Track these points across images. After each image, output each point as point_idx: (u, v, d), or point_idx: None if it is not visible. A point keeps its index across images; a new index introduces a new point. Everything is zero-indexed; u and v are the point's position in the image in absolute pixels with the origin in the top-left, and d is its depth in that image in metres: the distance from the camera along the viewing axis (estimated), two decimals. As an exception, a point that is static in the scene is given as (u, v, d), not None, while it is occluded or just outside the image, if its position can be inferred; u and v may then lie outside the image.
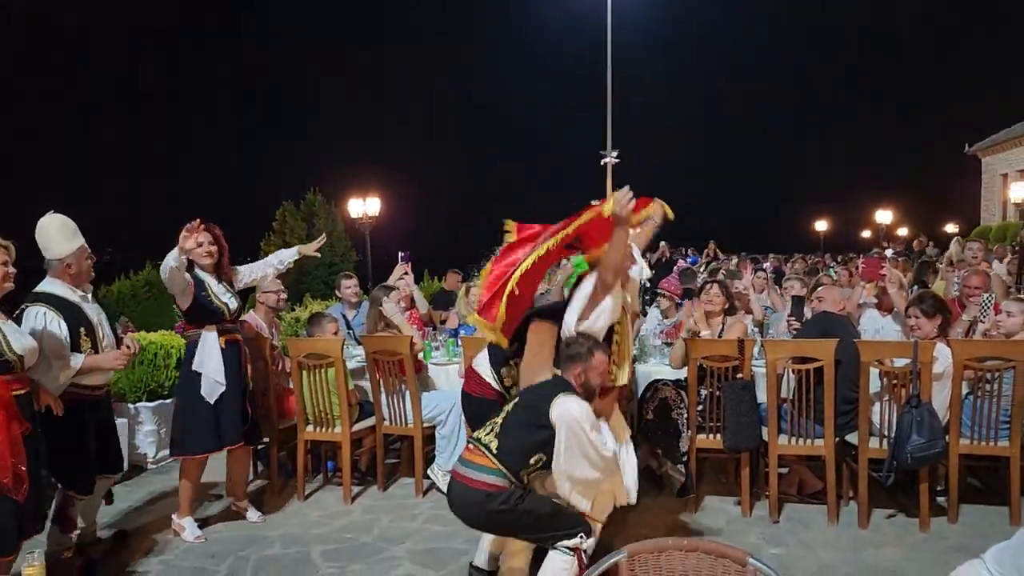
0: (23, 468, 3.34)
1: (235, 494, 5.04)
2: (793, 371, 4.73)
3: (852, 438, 4.77)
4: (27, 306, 3.94)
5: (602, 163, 28.19)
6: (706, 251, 18.65)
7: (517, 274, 3.43)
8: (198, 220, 4.34)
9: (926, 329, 4.70)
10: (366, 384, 5.53)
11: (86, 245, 4.22)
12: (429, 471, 5.45)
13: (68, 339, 3.95)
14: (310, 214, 38.49)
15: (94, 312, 4.22)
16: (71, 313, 4.02)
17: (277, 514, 5.09)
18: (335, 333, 5.57)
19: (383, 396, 5.39)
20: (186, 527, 4.69)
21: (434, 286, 13.09)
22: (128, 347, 4.14)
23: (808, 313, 5.50)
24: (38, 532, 3.67)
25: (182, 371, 4.69)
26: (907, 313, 4.89)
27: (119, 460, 4.63)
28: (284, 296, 6.03)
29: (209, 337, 4.58)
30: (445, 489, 5.12)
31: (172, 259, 4.24)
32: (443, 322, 7.72)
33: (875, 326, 6.17)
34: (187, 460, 4.67)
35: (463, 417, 5.28)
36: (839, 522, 4.74)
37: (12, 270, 3.60)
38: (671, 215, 3.98)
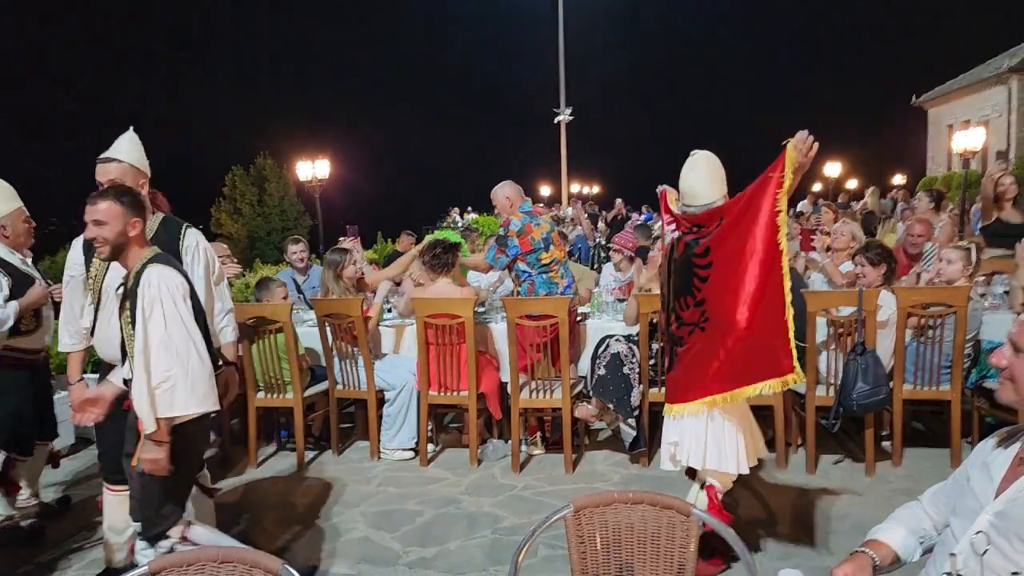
0: None
1: None
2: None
3: (800, 387, 4.84)
4: None
5: (555, 121, 28.09)
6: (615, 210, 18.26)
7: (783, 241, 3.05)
8: None
9: (871, 277, 4.76)
10: (319, 348, 5.45)
11: (24, 208, 4.12)
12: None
13: (4, 292, 3.88)
14: (261, 179, 37.78)
15: (33, 274, 4.13)
16: (16, 277, 3.97)
17: (230, 482, 5.02)
18: (284, 298, 5.47)
19: (336, 360, 5.33)
20: None
21: (388, 248, 12.95)
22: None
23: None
24: None
25: None
26: (853, 261, 4.95)
27: (54, 427, 4.53)
28: (234, 262, 5.95)
29: None
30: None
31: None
32: (397, 284, 7.63)
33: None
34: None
35: (413, 396, 5.25)
36: (788, 468, 4.84)
37: None
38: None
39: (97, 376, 6.02)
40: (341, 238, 7.26)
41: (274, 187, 37.38)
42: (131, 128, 3.50)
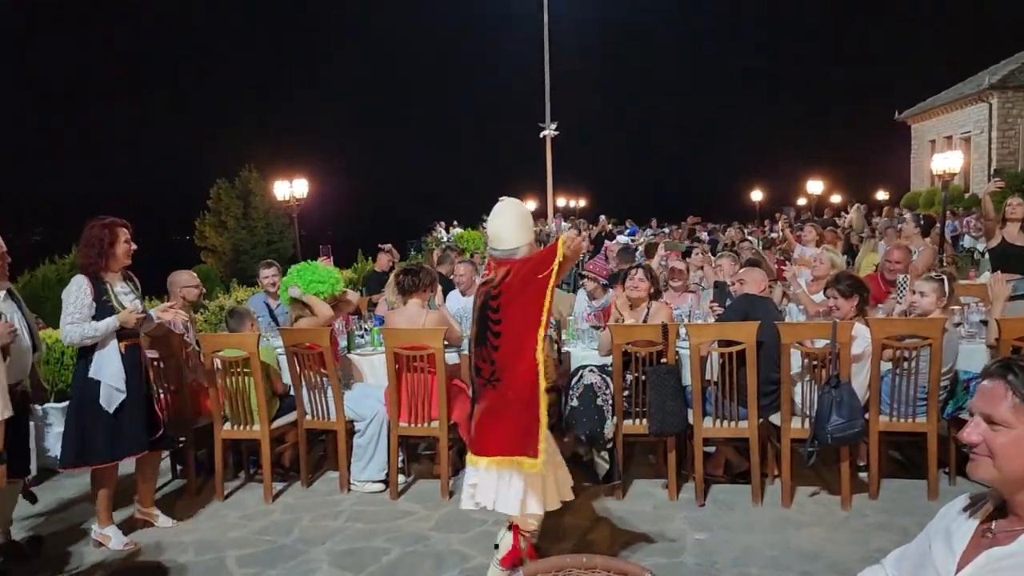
0: None
1: (142, 501, 4.79)
2: (717, 354, 4.71)
3: (776, 418, 4.78)
4: None
5: (541, 136, 28.11)
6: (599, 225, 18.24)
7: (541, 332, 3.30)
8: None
9: (844, 309, 4.71)
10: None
11: (1, 242, 4.04)
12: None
13: None
14: (245, 192, 37.57)
15: (7, 311, 4.01)
16: None
17: (194, 517, 4.90)
18: (252, 327, 5.37)
19: (304, 390, 5.22)
20: (112, 536, 4.45)
21: (367, 267, 12.84)
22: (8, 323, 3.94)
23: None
24: None
25: (76, 376, 4.36)
26: (825, 294, 4.90)
27: (27, 462, 4.38)
28: (203, 290, 5.84)
29: (108, 342, 4.27)
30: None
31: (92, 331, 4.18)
32: (374, 305, 7.53)
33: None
34: (97, 470, 4.40)
35: (384, 427, 5.15)
36: (763, 502, 4.76)
37: None
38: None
39: (63, 406, 5.92)
40: (318, 259, 7.15)
41: (259, 200, 37.16)
42: None
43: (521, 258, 3.50)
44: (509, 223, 3.59)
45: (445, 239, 19.62)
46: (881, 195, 32.32)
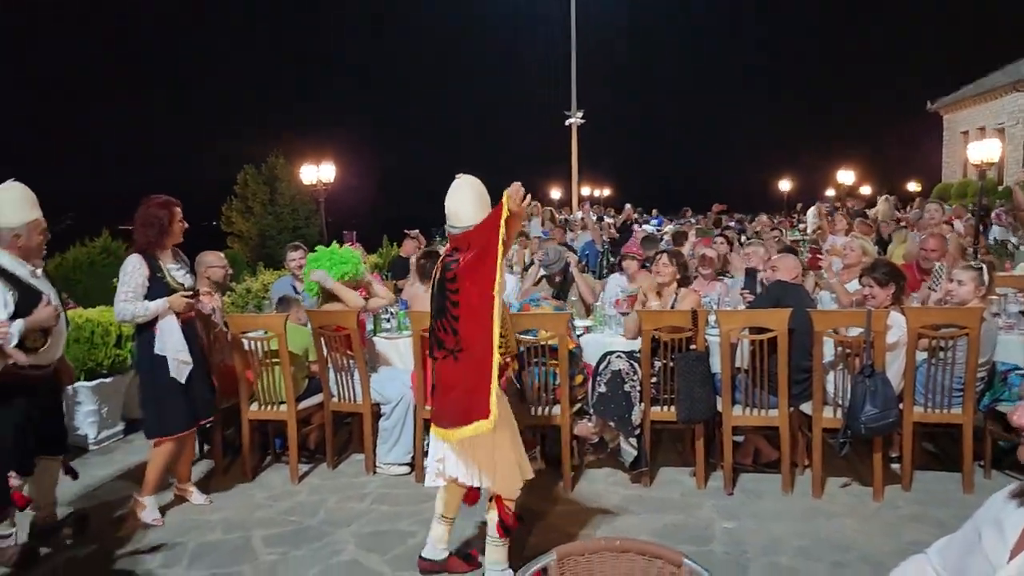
0: None
1: (179, 476, 4.87)
2: (748, 341, 4.64)
3: (807, 407, 4.71)
4: None
5: (567, 123, 27.99)
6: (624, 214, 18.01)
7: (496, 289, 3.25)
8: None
9: (880, 298, 4.62)
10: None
11: (42, 219, 4.06)
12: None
13: (9, 308, 3.76)
14: (272, 178, 37.77)
15: (46, 288, 4.01)
16: (23, 291, 3.84)
17: (221, 496, 4.92)
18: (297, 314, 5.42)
19: (331, 372, 5.22)
20: (147, 506, 4.53)
21: (392, 252, 12.85)
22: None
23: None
24: None
25: (142, 356, 4.48)
26: (860, 281, 4.81)
27: (63, 440, 4.41)
28: (230, 271, 5.85)
29: (168, 318, 4.38)
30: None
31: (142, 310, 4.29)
32: (400, 291, 7.53)
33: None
34: (161, 443, 4.49)
35: (410, 410, 5.15)
36: (793, 492, 4.69)
37: None
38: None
39: (94, 384, 5.98)
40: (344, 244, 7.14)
41: (285, 186, 37.35)
42: None
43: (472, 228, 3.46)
44: (466, 200, 3.55)
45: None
46: (912, 186, 31.80)
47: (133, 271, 4.35)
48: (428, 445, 3.81)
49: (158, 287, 4.38)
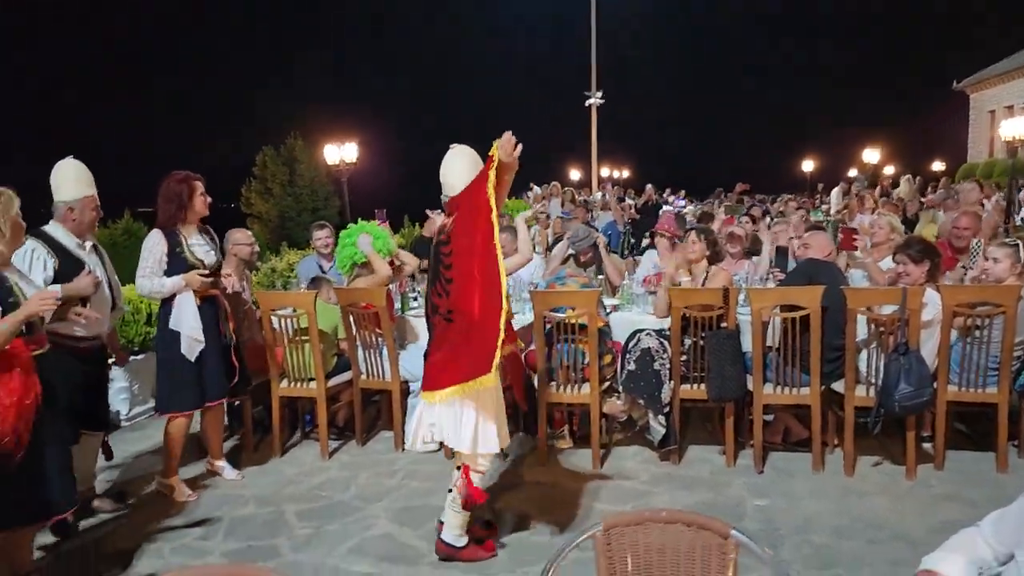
0: (27, 435, 3.07)
1: (211, 452, 4.92)
2: (779, 319, 4.61)
3: (838, 386, 4.68)
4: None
5: (586, 104, 27.81)
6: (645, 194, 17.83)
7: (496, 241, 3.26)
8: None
9: (915, 275, 4.57)
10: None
11: (95, 197, 4.12)
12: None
13: (48, 273, 3.82)
14: (291, 159, 37.86)
15: (91, 264, 4.05)
16: (63, 258, 3.89)
17: (252, 472, 4.97)
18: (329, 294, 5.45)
19: (359, 350, 5.24)
20: (175, 487, 4.58)
21: (415, 232, 12.85)
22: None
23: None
24: (67, 508, 3.37)
25: (159, 330, 4.52)
26: (895, 259, 4.75)
27: (104, 417, 4.46)
28: (257, 248, 5.84)
29: (184, 295, 4.38)
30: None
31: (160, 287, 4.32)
32: (424, 270, 7.52)
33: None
34: (172, 419, 4.53)
35: None
36: (824, 470, 4.67)
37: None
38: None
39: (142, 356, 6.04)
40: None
41: (304, 168, 37.44)
42: None
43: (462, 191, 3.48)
44: (458, 170, 3.58)
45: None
46: (937, 166, 31.37)
47: (152, 247, 4.37)
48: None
49: (178, 263, 4.37)
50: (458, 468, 3.69)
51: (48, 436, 3.19)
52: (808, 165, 32.80)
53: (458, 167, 3.60)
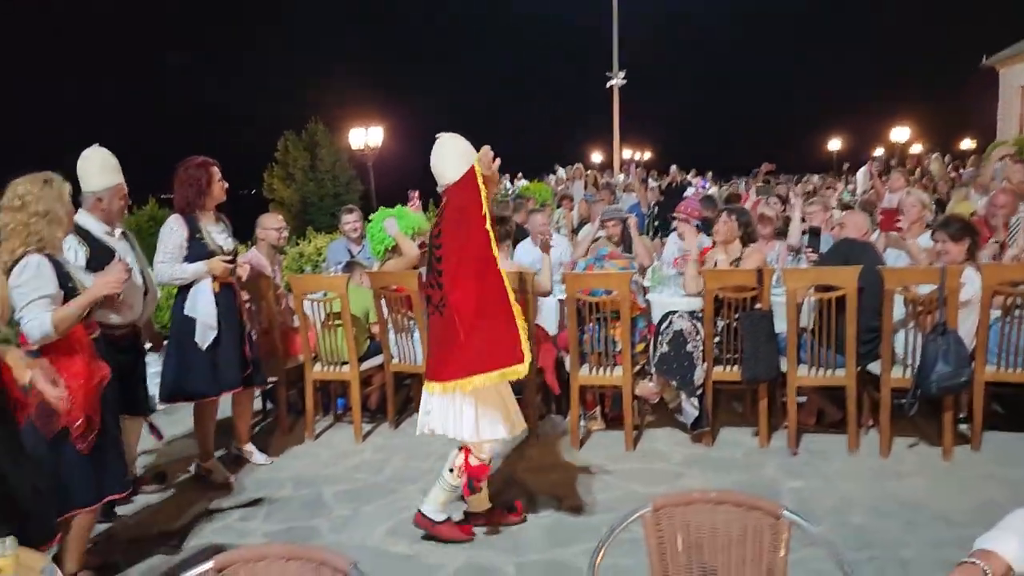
0: (96, 417, 3.15)
1: (238, 438, 4.95)
2: (815, 300, 4.57)
3: (874, 367, 4.64)
4: None
5: (608, 85, 27.60)
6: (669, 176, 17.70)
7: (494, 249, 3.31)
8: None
9: (953, 253, 4.51)
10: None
11: (123, 185, 4.09)
12: None
13: (80, 262, 3.79)
14: (312, 144, 37.97)
15: (121, 251, 4.04)
16: (94, 246, 3.89)
17: (287, 454, 5.03)
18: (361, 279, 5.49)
19: (391, 334, 5.27)
20: (213, 469, 4.63)
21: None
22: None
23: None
24: (123, 490, 3.43)
25: (173, 316, 4.52)
26: (933, 237, 4.69)
27: (145, 401, 4.46)
28: (285, 234, 5.85)
29: (202, 282, 4.38)
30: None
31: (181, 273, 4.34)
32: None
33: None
34: (198, 406, 4.56)
35: None
36: (859, 452, 4.65)
37: None
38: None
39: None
40: (408, 204, 7.11)
41: (325, 152, 37.54)
42: None
43: (452, 184, 3.50)
44: (447, 159, 3.57)
45: (511, 191, 19.51)
46: (966, 143, 30.84)
47: (171, 232, 4.36)
48: None
49: (197, 249, 4.38)
50: (460, 449, 3.73)
51: (107, 419, 3.25)
52: (834, 144, 32.41)
53: (447, 155, 3.59)
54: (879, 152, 30.08)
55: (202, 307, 4.37)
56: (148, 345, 4.73)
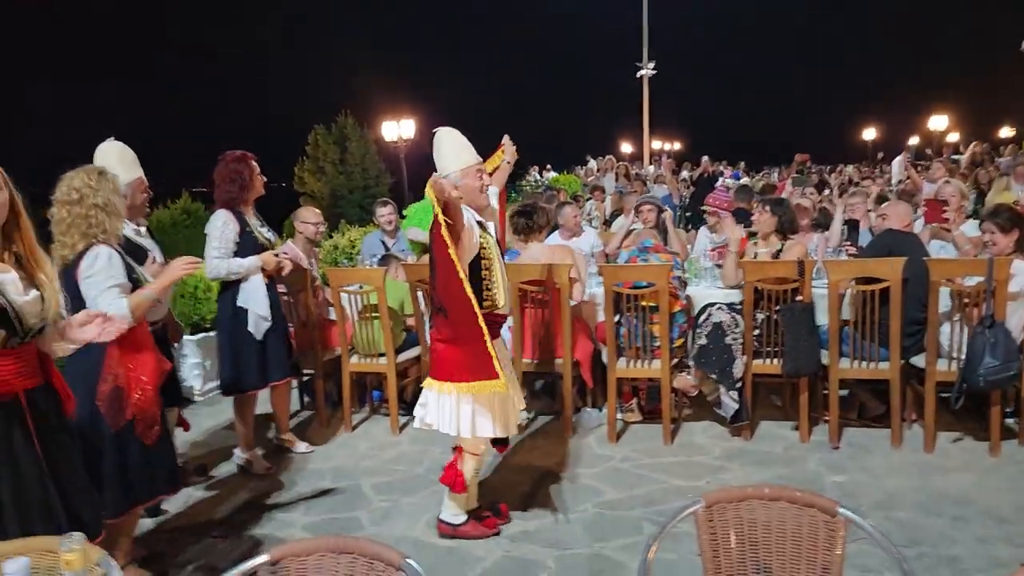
0: (159, 411, 3.19)
1: (280, 427, 5.01)
2: (858, 292, 4.50)
3: (918, 360, 4.56)
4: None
5: (637, 75, 27.42)
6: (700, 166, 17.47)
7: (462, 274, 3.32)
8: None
9: (1002, 244, 4.41)
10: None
11: (144, 178, 4.08)
12: None
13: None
14: (342, 137, 38.12)
15: (151, 246, 4.07)
16: (127, 249, 3.86)
17: (326, 446, 5.06)
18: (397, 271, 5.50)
19: (427, 325, 5.27)
20: (254, 461, 4.68)
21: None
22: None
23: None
24: (170, 490, 3.44)
25: (222, 309, 4.55)
26: (981, 228, 4.59)
27: (177, 393, 4.53)
28: (323, 228, 5.88)
29: (254, 274, 4.44)
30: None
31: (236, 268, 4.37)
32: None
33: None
34: (239, 398, 4.61)
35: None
36: (903, 447, 4.57)
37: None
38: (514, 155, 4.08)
39: (198, 339, 6.17)
40: None
41: (355, 146, 37.67)
42: None
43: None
44: (443, 153, 3.58)
45: (540, 182, 19.47)
46: (1005, 132, 30.18)
47: (224, 226, 4.37)
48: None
49: (248, 243, 4.42)
50: (454, 449, 3.74)
51: (163, 415, 3.29)
52: (869, 133, 31.87)
53: (443, 150, 3.58)
54: (914, 141, 29.53)
55: (256, 299, 4.42)
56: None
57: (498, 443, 3.81)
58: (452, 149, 3.58)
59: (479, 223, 3.56)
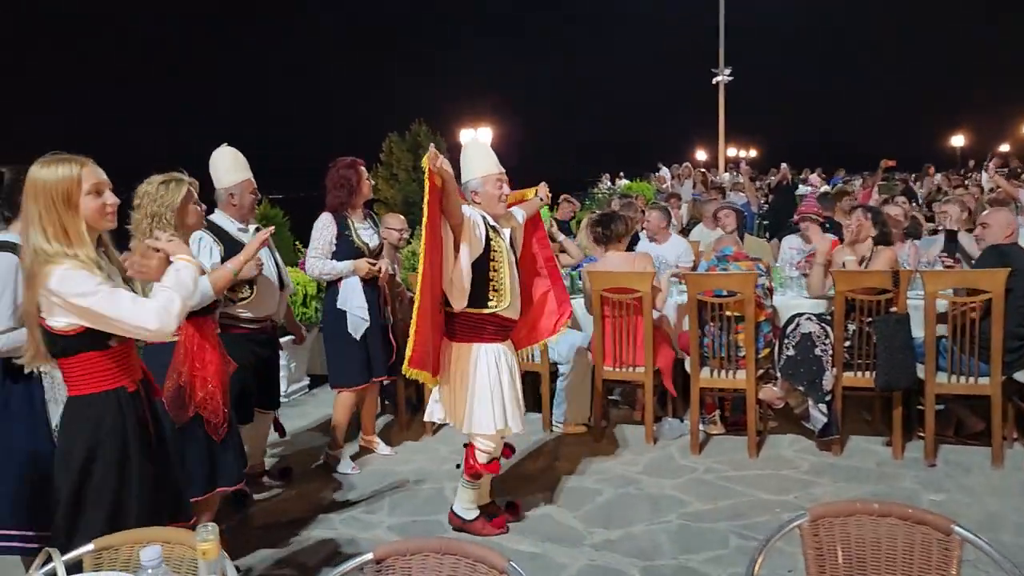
0: (227, 409, 3.31)
1: (364, 428, 5.11)
2: (957, 304, 4.32)
3: (1021, 376, 4.36)
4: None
5: (714, 82, 27.04)
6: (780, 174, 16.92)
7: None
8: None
9: (1117, 255, 4.18)
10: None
11: (252, 180, 4.23)
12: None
13: (215, 259, 3.88)
14: (415, 145, 38.65)
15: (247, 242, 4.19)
16: (228, 244, 3.98)
17: (407, 450, 5.13)
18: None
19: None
20: (341, 459, 4.81)
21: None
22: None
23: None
24: (237, 482, 3.51)
25: (327, 310, 4.74)
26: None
27: (276, 396, 4.64)
28: (407, 234, 5.96)
29: (351, 276, 4.59)
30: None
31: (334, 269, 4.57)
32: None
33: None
34: (343, 394, 4.76)
35: (588, 370, 5.18)
36: (1004, 466, 4.37)
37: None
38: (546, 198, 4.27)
39: (287, 339, 6.32)
40: None
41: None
42: None
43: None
44: (468, 159, 3.78)
45: (612, 190, 19.35)
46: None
47: (322, 229, 4.58)
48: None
49: (345, 246, 4.58)
50: (465, 446, 3.88)
51: (230, 413, 3.40)
52: (958, 140, 30.66)
53: (469, 156, 3.79)
54: (1004, 148, 28.29)
55: (352, 300, 4.60)
56: (291, 338, 4.99)
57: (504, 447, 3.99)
58: (477, 157, 3.78)
59: (492, 227, 3.69)
